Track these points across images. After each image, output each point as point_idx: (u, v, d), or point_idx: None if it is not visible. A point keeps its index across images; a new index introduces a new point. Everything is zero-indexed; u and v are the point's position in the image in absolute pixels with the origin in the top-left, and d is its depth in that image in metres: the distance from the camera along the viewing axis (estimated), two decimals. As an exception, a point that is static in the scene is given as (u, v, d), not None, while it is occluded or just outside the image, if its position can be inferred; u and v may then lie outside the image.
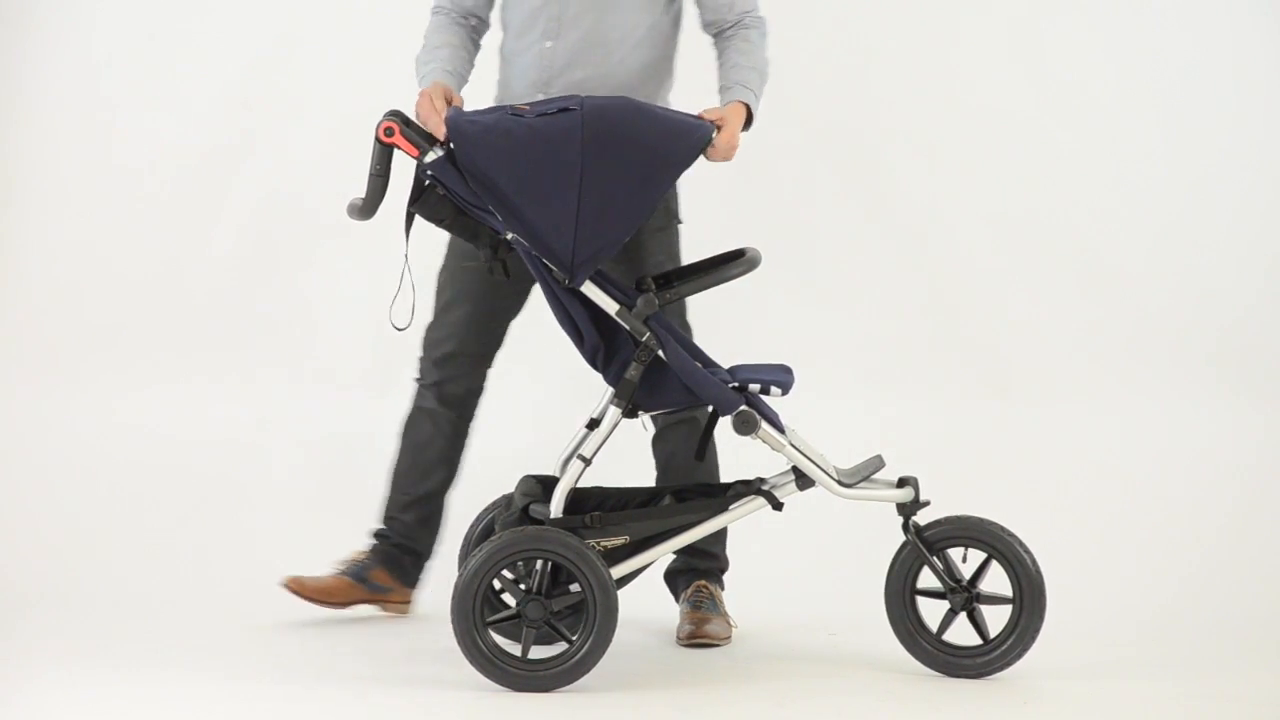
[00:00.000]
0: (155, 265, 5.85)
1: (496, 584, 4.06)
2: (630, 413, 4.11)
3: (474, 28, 4.54)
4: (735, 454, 4.41)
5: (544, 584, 4.02)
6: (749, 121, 4.30)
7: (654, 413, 4.16)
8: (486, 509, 4.40)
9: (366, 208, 4.06)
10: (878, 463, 4.24)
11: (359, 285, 5.78)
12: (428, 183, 4.05)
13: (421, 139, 4.02)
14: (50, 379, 5.81)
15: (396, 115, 4.05)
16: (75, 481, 5.53)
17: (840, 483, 4.11)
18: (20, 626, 4.54)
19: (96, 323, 5.86)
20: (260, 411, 5.76)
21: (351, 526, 5.33)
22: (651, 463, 4.57)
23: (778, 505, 4.13)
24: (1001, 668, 4.15)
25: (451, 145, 4.00)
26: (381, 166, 4.04)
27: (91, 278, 5.89)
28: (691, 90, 4.52)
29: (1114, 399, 5.83)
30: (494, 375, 4.40)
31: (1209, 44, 5.93)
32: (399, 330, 4.27)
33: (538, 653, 4.04)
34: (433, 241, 4.44)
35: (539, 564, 4.03)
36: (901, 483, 4.16)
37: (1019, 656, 4.14)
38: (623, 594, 4.06)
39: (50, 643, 4.36)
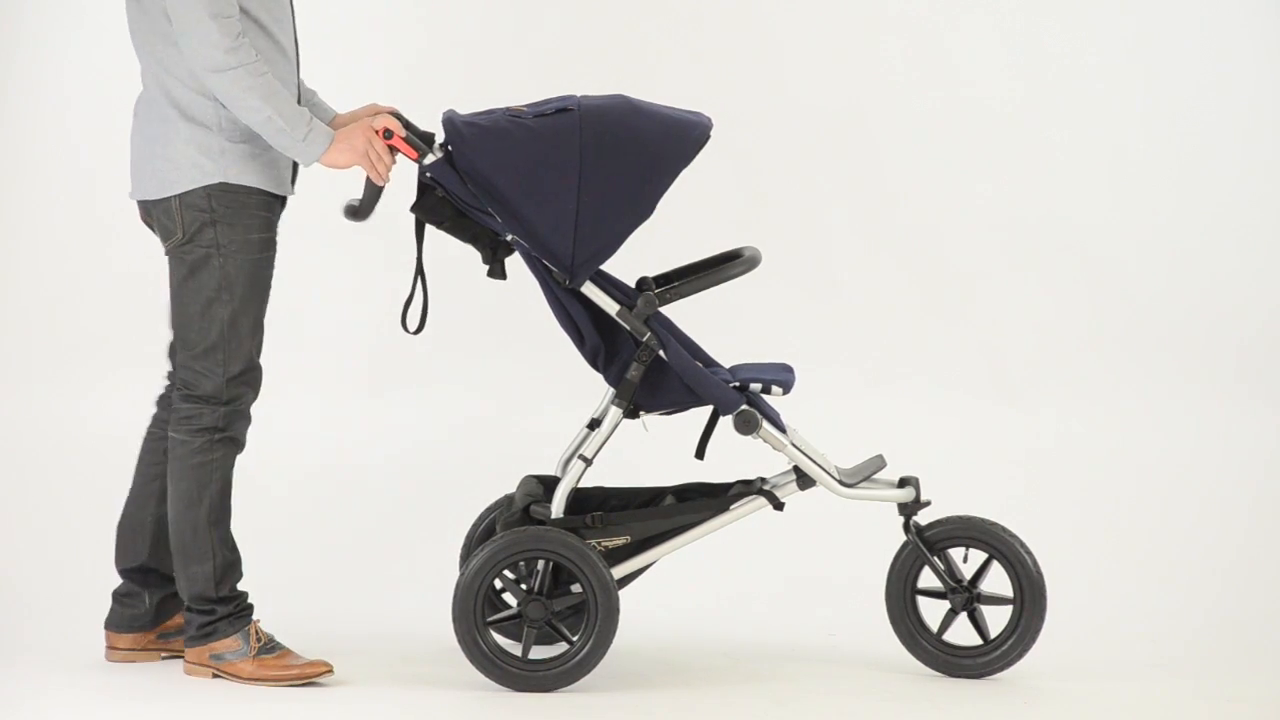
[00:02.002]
0: (150, 265, 5.84)
1: (498, 584, 4.06)
2: (631, 413, 4.10)
3: None
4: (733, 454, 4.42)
5: (545, 584, 4.02)
6: None
7: (655, 413, 4.16)
8: (487, 509, 4.39)
9: (363, 210, 4.05)
10: (878, 462, 4.24)
11: (357, 285, 5.78)
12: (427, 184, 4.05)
13: (421, 141, 4.02)
14: (50, 379, 5.80)
15: (396, 118, 4.05)
16: (74, 481, 5.52)
17: (841, 482, 4.11)
18: (20, 626, 4.53)
19: (86, 327, 5.86)
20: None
21: (346, 527, 5.34)
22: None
23: (779, 505, 4.12)
24: (1002, 668, 4.15)
25: (450, 147, 4.00)
26: (379, 169, 4.03)
27: (85, 281, 5.88)
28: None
29: (1114, 399, 5.83)
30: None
31: (1230, 47, 5.93)
32: (408, 332, 4.23)
33: (539, 653, 4.04)
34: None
35: (540, 564, 4.03)
36: (902, 483, 4.16)
37: (1019, 657, 4.14)
38: (623, 594, 4.06)
39: (50, 642, 4.35)
